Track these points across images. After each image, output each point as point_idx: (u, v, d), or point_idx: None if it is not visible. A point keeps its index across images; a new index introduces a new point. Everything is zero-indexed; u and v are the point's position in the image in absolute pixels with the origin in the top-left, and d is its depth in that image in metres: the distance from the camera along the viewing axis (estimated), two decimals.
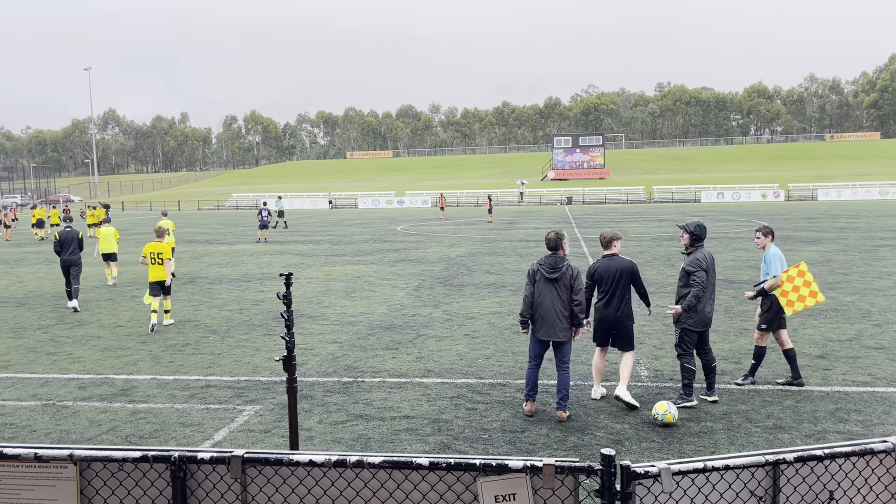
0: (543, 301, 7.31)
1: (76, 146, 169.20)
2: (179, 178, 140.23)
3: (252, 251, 26.63)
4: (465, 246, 27.18)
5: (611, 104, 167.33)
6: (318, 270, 20.14)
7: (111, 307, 14.64)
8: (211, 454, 3.09)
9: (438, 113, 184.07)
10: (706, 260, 7.62)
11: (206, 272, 20.10)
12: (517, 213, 57.13)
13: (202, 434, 6.98)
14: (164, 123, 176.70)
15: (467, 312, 13.29)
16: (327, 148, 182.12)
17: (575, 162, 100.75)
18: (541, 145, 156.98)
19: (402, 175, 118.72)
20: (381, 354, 10.15)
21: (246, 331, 11.99)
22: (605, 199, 77.92)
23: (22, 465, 3.35)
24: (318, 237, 33.41)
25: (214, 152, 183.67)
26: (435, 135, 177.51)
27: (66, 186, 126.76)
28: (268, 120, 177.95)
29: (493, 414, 7.47)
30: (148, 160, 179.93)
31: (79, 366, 9.82)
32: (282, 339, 4.70)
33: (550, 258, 7.40)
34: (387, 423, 7.22)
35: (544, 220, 44.93)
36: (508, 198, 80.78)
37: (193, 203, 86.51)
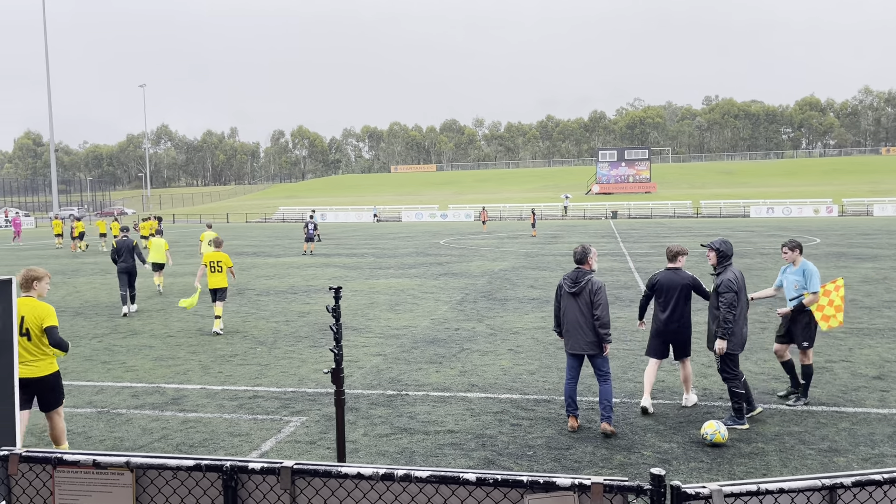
0: (568, 315, 7.39)
1: (130, 160, 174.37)
2: (228, 192, 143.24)
3: (298, 264, 27.02)
4: (508, 260, 27.11)
5: (657, 117, 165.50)
6: (363, 283, 20.33)
7: (162, 317, 15.01)
8: (262, 464, 3.15)
9: (482, 127, 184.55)
10: (737, 281, 7.41)
11: (253, 284, 20.47)
12: (561, 227, 56.79)
13: (250, 444, 7.09)
14: (214, 138, 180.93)
15: (511, 327, 13.25)
16: (372, 162, 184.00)
17: (620, 176, 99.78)
18: (585, 159, 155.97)
19: (446, 189, 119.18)
20: (424, 368, 10.18)
21: (292, 342, 12.17)
22: (651, 214, 76.91)
23: (81, 471, 3.46)
24: (362, 250, 33.73)
25: (262, 166, 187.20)
26: (478, 149, 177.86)
27: (120, 199, 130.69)
28: (314, 134, 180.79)
29: (537, 430, 7.42)
30: (198, 174, 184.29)
31: (132, 374, 10.09)
32: (330, 351, 4.77)
33: (573, 272, 7.45)
34: (431, 438, 7.23)
35: (589, 234, 44.56)
36: (552, 212, 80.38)
37: (241, 216, 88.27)
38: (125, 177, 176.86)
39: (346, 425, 7.47)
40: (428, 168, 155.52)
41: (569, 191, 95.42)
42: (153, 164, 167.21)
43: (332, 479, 2.93)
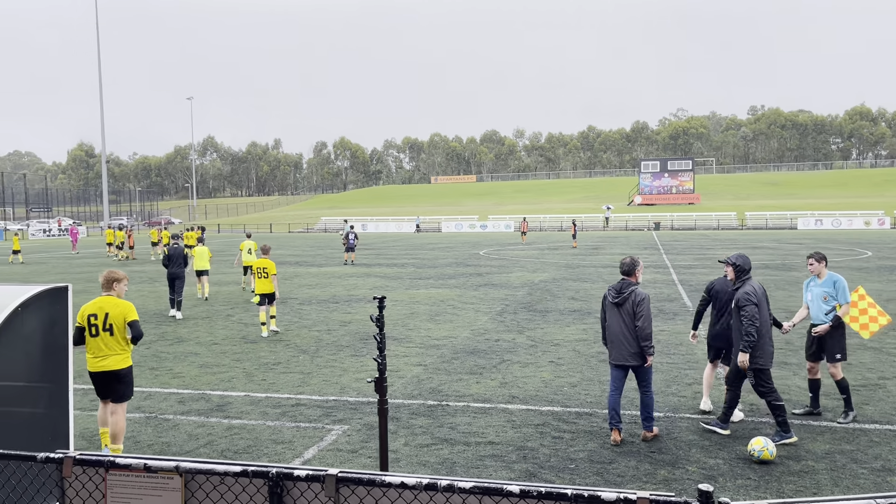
0: (611, 326, 7.45)
1: (177, 171, 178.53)
2: (272, 202, 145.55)
3: (339, 273, 27.28)
4: (548, 271, 26.96)
5: (701, 128, 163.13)
6: (403, 293, 20.42)
7: (208, 325, 15.30)
8: (307, 472, 3.19)
9: (522, 138, 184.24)
10: (756, 293, 7.37)
11: (296, 293, 20.73)
12: (602, 238, 56.28)
13: (293, 452, 7.17)
14: (259, 149, 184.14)
15: (552, 339, 13.16)
16: (412, 173, 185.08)
17: (663, 187, 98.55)
18: (627, 170, 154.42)
19: (486, 199, 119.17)
20: (465, 379, 10.18)
21: (334, 351, 12.28)
22: (695, 225, 75.72)
23: (132, 474, 3.55)
24: (402, 260, 33.90)
25: (305, 177, 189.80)
26: (519, 159, 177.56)
27: (167, 209, 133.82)
28: (356, 146, 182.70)
29: (579, 444, 7.35)
30: (243, 184, 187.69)
31: (178, 381, 10.30)
32: (374, 360, 4.81)
33: (619, 283, 7.51)
34: (472, 449, 7.22)
35: (631, 245, 44.06)
36: (593, 223, 79.72)
37: (284, 226, 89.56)
38: (172, 187, 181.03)
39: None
40: (468, 179, 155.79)
41: (610, 202, 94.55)
42: (199, 174, 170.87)
43: (375, 487, 2.95)
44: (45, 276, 28.30)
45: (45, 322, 4.90)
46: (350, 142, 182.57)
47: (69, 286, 5.16)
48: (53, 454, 3.61)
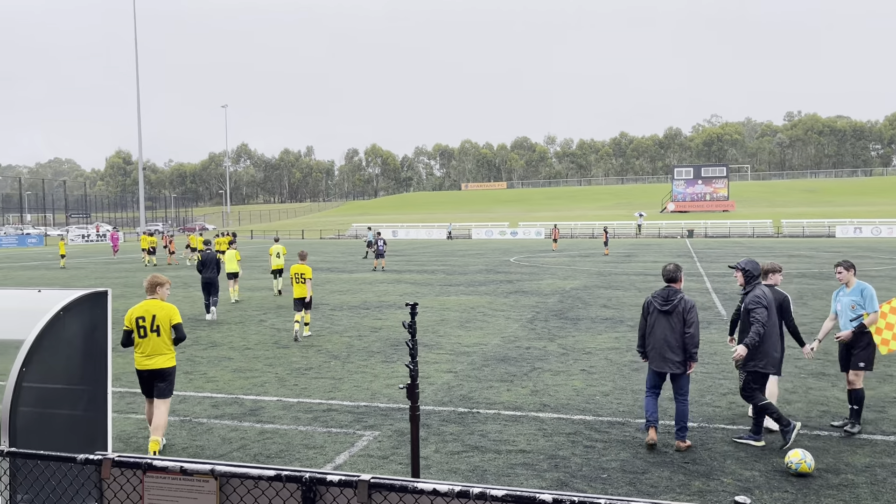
0: (656, 333, 7.42)
1: (212, 178, 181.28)
2: (304, 209, 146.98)
3: (370, 279, 27.42)
4: (580, 279, 26.78)
5: (735, 134, 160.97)
6: (433, 300, 20.45)
7: (241, 330, 15.48)
8: (340, 477, 3.21)
9: (554, 144, 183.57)
10: (766, 297, 7.50)
11: (327, 299, 20.88)
12: (635, 245, 55.76)
13: (324, 457, 7.22)
14: (291, 156, 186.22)
15: (583, 347, 13.06)
16: (443, 179, 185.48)
17: (697, 194, 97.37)
18: (660, 176, 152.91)
19: (516, 206, 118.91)
20: (495, 386, 10.15)
21: (365, 357, 12.34)
22: (729, 233, 74.65)
23: (169, 476, 3.61)
24: (432, 267, 33.96)
25: (336, 184, 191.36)
26: (549, 166, 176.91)
27: (202, 215, 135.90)
28: (387, 153, 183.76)
29: (612, 453, 7.28)
30: (275, 191, 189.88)
31: (212, 385, 10.44)
32: (406, 366, 4.82)
33: (664, 290, 7.52)
34: (502, 457, 7.19)
35: (664, 253, 43.58)
36: (625, 230, 79.05)
37: (316, 232, 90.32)
38: (207, 194, 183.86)
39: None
40: (498, 186, 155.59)
41: (642, 209, 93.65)
42: (233, 181, 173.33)
43: (408, 494, 2.96)
44: (83, 281, 28.91)
45: (85, 326, 5.00)
46: (381, 149, 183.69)
47: (109, 291, 5.26)
48: (93, 456, 3.68)
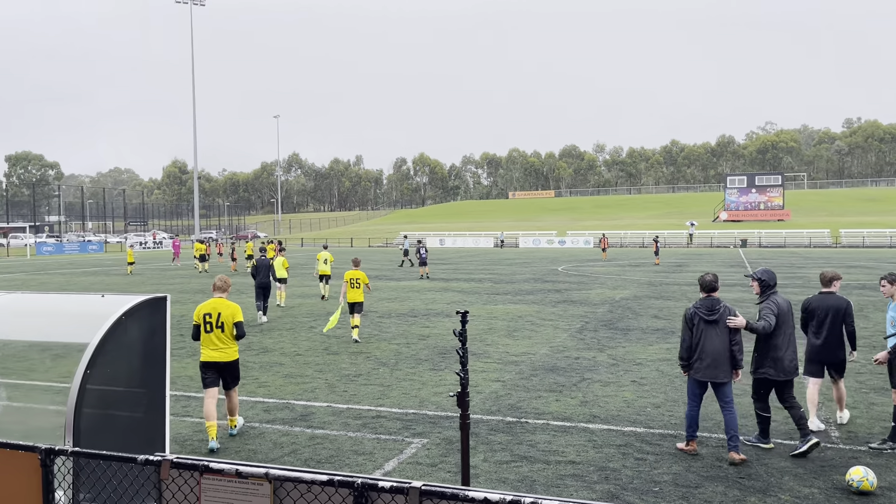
0: (706, 343, 7.42)
1: (264, 186, 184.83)
2: (353, 217, 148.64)
3: (417, 287, 27.54)
4: (629, 288, 26.42)
5: (791, 141, 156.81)
6: (481, 308, 20.43)
7: (291, 336, 15.72)
8: (391, 483, 3.23)
9: (603, 152, 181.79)
10: (779, 306, 7.68)
11: (375, 306, 21.05)
12: (686, 255, 54.76)
13: (373, 463, 7.26)
14: (341, 166, 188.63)
15: (634, 358, 12.87)
16: (490, 188, 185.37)
17: (750, 202, 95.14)
18: (712, 185, 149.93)
19: (564, 215, 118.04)
20: (544, 396, 10.07)
21: (413, 364, 12.39)
22: (785, 243, 72.68)
23: (225, 479, 3.68)
24: (479, 275, 33.93)
25: (385, 192, 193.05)
26: (598, 174, 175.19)
27: (254, 224, 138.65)
28: (435, 161, 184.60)
29: (663, 466, 7.15)
30: (325, 199, 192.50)
31: (264, 390, 10.62)
32: (456, 374, 4.83)
33: (707, 300, 7.57)
34: (552, 467, 7.12)
35: (716, 263, 42.67)
36: (676, 239, 77.71)
37: (364, 240, 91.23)
38: (259, 202, 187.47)
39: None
40: (546, 194, 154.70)
41: (694, 218, 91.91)
42: (284, 190, 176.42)
43: (459, 502, 2.96)
44: (141, 287, 29.77)
45: (145, 330, 5.16)
46: (429, 158, 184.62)
47: (168, 296, 5.41)
48: (152, 457, 3.78)
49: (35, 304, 6.19)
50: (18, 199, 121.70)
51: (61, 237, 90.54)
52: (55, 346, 10.35)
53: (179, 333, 16.06)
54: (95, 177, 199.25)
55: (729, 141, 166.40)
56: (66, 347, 9.59)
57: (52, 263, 51.01)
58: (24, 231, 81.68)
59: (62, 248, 71.69)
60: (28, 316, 5.80)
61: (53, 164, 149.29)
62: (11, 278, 35.35)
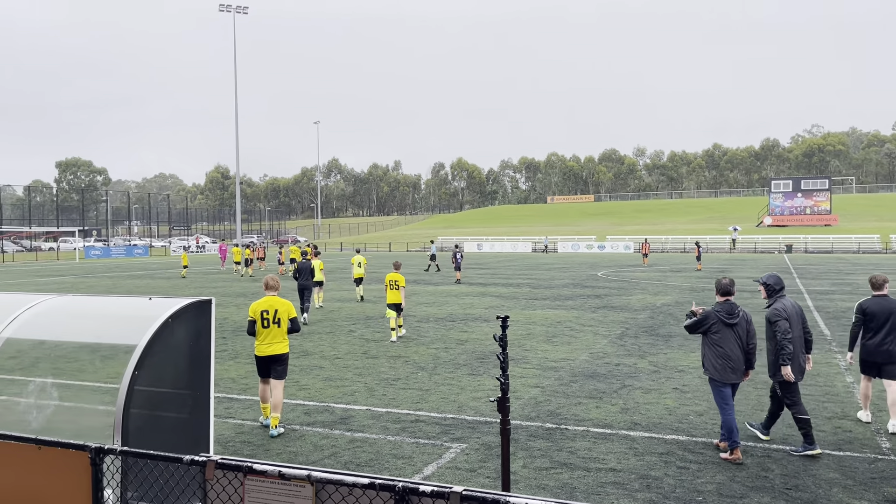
0: (725, 347, 7.59)
1: (304, 192, 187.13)
2: (391, 222, 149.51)
3: (455, 292, 27.55)
4: (671, 294, 26.04)
5: (839, 145, 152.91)
6: (519, 314, 20.34)
7: (331, 340, 15.86)
8: (432, 487, 3.23)
9: (643, 156, 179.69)
10: (786, 310, 7.88)
11: (414, 311, 21.12)
12: (729, 260, 53.78)
13: (412, 467, 7.28)
14: (379, 171, 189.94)
15: (676, 365, 12.67)
16: (528, 193, 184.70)
17: (796, 207, 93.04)
18: (756, 189, 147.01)
19: (604, 219, 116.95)
20: (584, 403, 9.98)
21: (451, 369, 12.39)
22: (832, 248, 70.86)
23: (268, 480, 3.73)
24: (517, 280, 33.80)
25: (423, 197, 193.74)
26: (639, 178, 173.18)
27: (294, 228, 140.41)
28: (472, 166, 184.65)
29: (707, 475, 7.02)
30: (364, 204, 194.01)
31: (304, 393, 10.73)
32: (497, 380, 4.82)
33: (726, 304, 7.70)
34: (592, 475, 7.05)
35: (760, 269, 41.80)
36: (719, 244, 76.37)
37: (402, 245, 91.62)
38: (299, 207, 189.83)
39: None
40: (585, 198, 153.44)
41: (737, 223, 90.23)
42: (324, 195, 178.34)
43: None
44: (185, 290, 30.36)
45: (191, 333, 5.26)
46: (467, 162, 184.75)
47: (212, 300, 5.51)
48: (198, 457, 3.85)
49: (85, 307, 6.36)
50: (68, 204, 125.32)
51: (108, 241, 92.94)
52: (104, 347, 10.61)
53: (222, 336, 16.34)
54: (141, 182, 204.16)
55: (773, 144, 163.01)
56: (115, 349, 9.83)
57: (99, 267, 52.37)
58: (74, 235, 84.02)
59: (109, 252, 73.56)
60: (78, 318, 5.96)
61: (101, 169, 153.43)
62: (62, 281, 36.38)
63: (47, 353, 11.79)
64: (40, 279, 38.43)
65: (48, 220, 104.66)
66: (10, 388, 9.25)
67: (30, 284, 34.60)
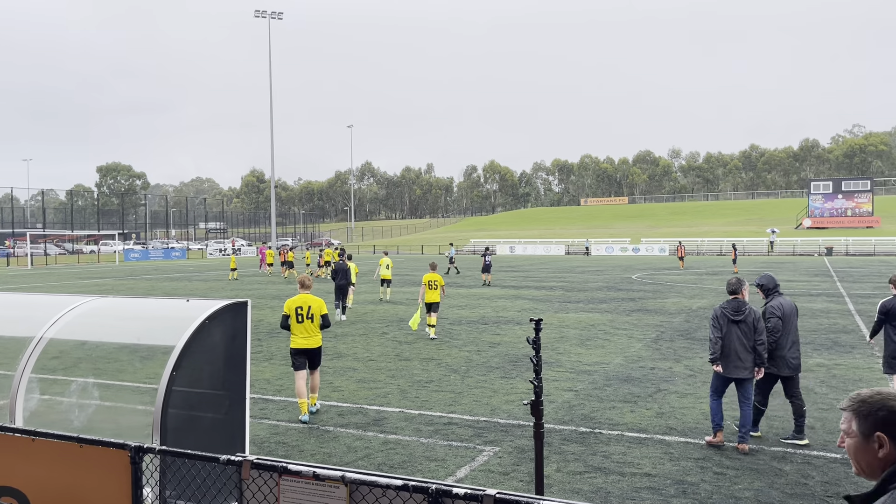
0: (728, 341, 7.94)
1: (337, 195, 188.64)
2: (423, 224, 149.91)
3: (488, 294, 27.51)
4: (707, 297, 25.66)
5: (881, 145, 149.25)
6: (552, 317, 20.22)
7: (364, 342, 15.95)
8: (465, 490, 3.23)
9: (678, 158, 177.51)
10: (781, 308, 8.27)
11: (446, 314, 21.13)
12: (767, 263, 52.83)
13: (445, 470, 7.28)
14: (412, 174, 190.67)
15: (712, 369, 12.47)
16: (561, 195, 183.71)
17: (836, 209, 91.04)
18: (794, 191, 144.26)
19: (638, 222, 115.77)
20: (618, 407, 9.88)
21: (484, 372, 12.37)
22: (874, 251, 69.14)
23: (302, 480, 3.77)
24: (551, 283, 33.62)
25: (455, 200, 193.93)
26: (674, 180, 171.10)
27: (328, 231, 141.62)
28: (505, 168, 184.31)
29: (744, 481, 6.89)
30: (396, 207, 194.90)
31: (338, 394, 10.80)
32: (530, 383, 4.80)
33: (733, 302, 8.10)
34: (626, 479, 6.98)
35: (799, 272, 40.98)
36: (756, 247, 75.07)
37: (435, 247, 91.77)
38: (332, 210, 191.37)
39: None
40: (619, 201, 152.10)
41: (775, 225, 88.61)
42: (357, 198, 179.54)
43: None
44: (220, 293, 30.81)
45: (227, 334, 5.33)
46: (499, 165, 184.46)
47: (248, 301, 5.58)
48: (234, 457, 3.90)
49: (125, 308, 6.49)
50: (108, 208, 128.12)
51: (147, 244, 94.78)
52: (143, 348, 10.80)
53: (257, 338, 16.54)
54: (178, 186, 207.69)
55: (813, 145, 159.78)
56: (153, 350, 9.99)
57: (138, 269, 53.43)
58: (114, 238, 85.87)
59: (148, 255, 75.00)
60: (119, 319, 6.08)
61: (140, 174, 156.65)
62: (102, 283, 37.20)
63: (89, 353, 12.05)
64: (82, 281, 39.35)
65: (89, 224, 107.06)
66: (53, 388, 9.47)
67: (72, 286, 35.46)
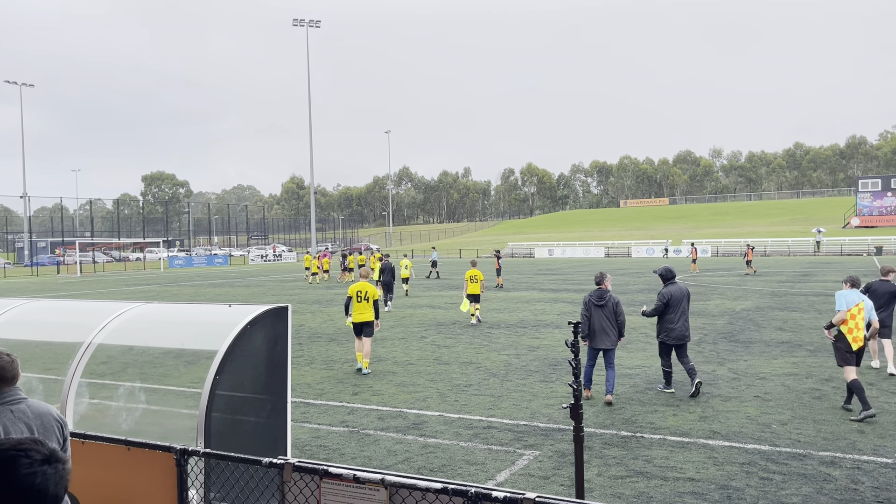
0: (595, 321, 10.45)
1: (376, 200, 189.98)
2: (461, 228, 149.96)
3: (526, 298, 27.38)
4: (751, 299, 25.16)
5: None
6: None
7: (403, 346, 16.02)
8: (504, 494, 3.23)
9: (720, 157, 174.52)
10: (670, 293, 10.68)
11: (485, 317, 21.10)
12: (813, 263, 51.57)
13: (485, 474, 7.27)
14: (449, 178, 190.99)
15: (756, 372, 12.23)
16: (600, 197, 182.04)
17: (886, 207, 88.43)
18: (841, 189, 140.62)
19: (679, 223, 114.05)
20: (660, 410, 9.75)
21: (523, 376, 12.32)
22: None
23: (343, 483, 3.81)
24: (590, 286, 33.30)
25: (492, 203, 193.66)
26: (715, 180, 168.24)
27: (366, 236, 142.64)
28: (542, 171, 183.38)
29: (791, 487, 6.74)
30: (434, 211, 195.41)
31: (378, 398, 10.87)
32: (569, 386, 4.77)
33: (598, 291, 10.58)
34: (669, 484, 6.88)
35: (846, 272, 39.88)
36: (802, 248, 73.34)
37: (472, 251, 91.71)
38: (371, 215, 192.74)
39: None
40: (660, 202, 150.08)
41: (821, 224, 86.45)
42: (395, 203, 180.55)
43: None
44: (261, 298, 31.26)
45: (268, 339, 5.42)
46: (537, 167, 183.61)
47: (289, 306, 5.66)
48: (276, 460, 3.97)
49: (170, 314, 6.64)
50: (153, 216, 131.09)
51: (190, 251, 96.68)
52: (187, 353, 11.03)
53: (298, 343, 16.73)
54: (220, 193, 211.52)
55: (860, 142, 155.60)
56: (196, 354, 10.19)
57: (182, 276, 54.52)
58: (158, 246, 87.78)
59: (191, 262, 76.46)
60: (164, 325, 6.22)
61: (183, 182, 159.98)
62: (147, 289, 38.06)
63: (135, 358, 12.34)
64: (128, 288, 40.32)
65: (135, 232, 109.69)
66: (101, 392, 9.72)
67: (119, 293, 36.36)
